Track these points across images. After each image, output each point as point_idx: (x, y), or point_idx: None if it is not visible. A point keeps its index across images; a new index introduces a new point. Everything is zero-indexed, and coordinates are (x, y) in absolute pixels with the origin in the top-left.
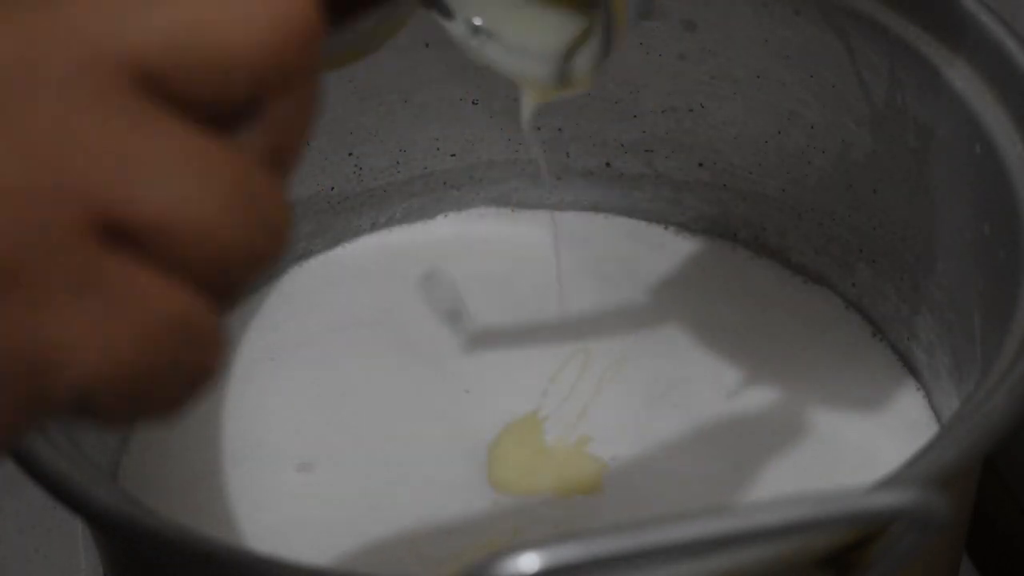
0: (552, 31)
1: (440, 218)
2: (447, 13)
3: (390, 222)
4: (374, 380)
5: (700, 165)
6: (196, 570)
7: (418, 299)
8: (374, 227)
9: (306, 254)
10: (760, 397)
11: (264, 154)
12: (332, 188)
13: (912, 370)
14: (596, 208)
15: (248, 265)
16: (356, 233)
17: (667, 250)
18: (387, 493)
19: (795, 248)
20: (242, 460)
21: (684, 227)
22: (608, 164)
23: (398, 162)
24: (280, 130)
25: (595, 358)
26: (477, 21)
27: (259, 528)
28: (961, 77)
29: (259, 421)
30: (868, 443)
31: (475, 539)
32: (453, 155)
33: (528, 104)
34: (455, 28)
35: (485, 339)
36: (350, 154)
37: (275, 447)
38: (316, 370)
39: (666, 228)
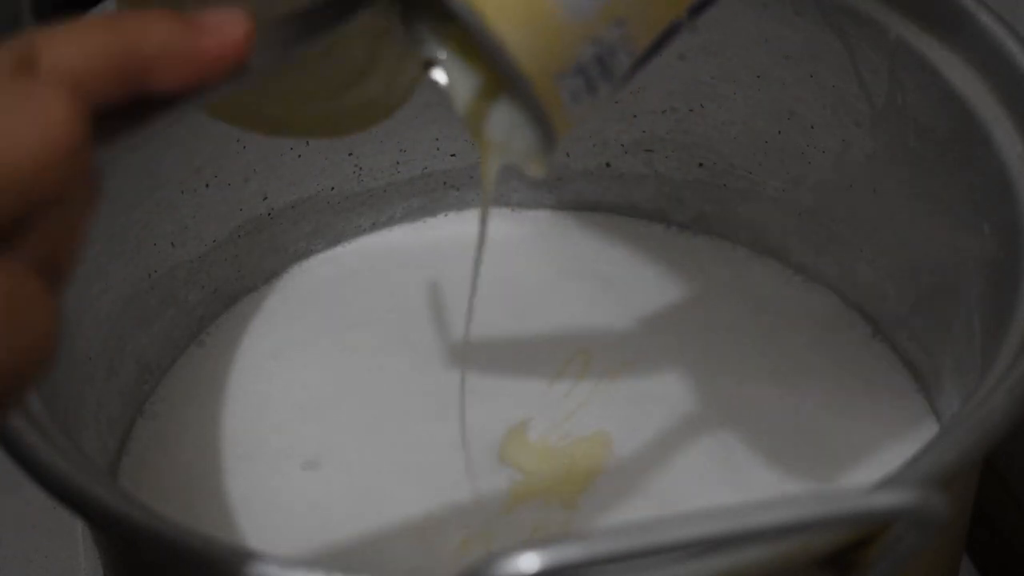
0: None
1: (440, 218)
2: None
3: (390, 222)
4: (377, 379)
5: (700, 165)
6: (196, 570)
7: (418, 299)
8: (374, 227)
9: (306, 254)
10: (760, 397)
11: (36, 263)
12: (332, 188)
13: (912, 370)
14: (596, 208)
15: (13, 376)
16: (356, 233)
17: (667, 250)
18: (394, 491)
19: (795, 248)
20: (245, 459)
21: (684, 227)
22: (608, 164)
23: (398, 162)
24: (53, 239)
25: (595, 358)
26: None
27: (263, 527)
28: (961, 77)
29: (263, 420)
30: (868, 443)
31: (482, 536)
32: (453, 155)
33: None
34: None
35: (486, 339)
36: (350, 154)
37: (280, 446)
38: (319, 369)
39: (666, 228)
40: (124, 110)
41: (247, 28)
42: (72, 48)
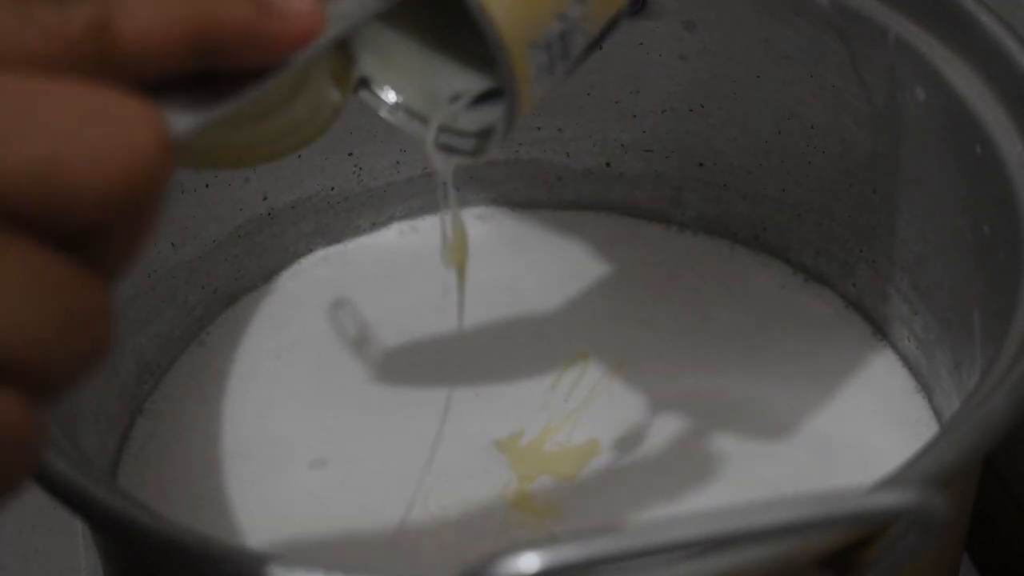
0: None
1: (440, 218)
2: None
3: (390, 222)
4: (381, 380)
5: (700, 165)
6: (196, 570)
7: (418, 299)
8: (374, 227)
9: (306, 254)
10: (759, 397)
11: (103, 269)
12: (332, 188)
13: (912, 370)
14: (596, 208)
15: (72, 372)
16: (356, 233)
17: (667, 250)
18: (395, 491)
19: (795, 248)
20: (246, 459)
21: (684, 227)
22: (608, 164)
23: (398, 162)
24: (119, 249)
25: (594, 359)
26: (391, 96)
27: (264, 526)
28: (961, 77)
29: (267, 419)
30: (868, 443)
31: (483, 537)
32: None
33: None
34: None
35: (485, 340)
36: (350, 154)
37: (283, 445)
38: (319, 369)
39: (666, 228)
40: (187, 82)
41: (319, 11)
42: (149, 11)
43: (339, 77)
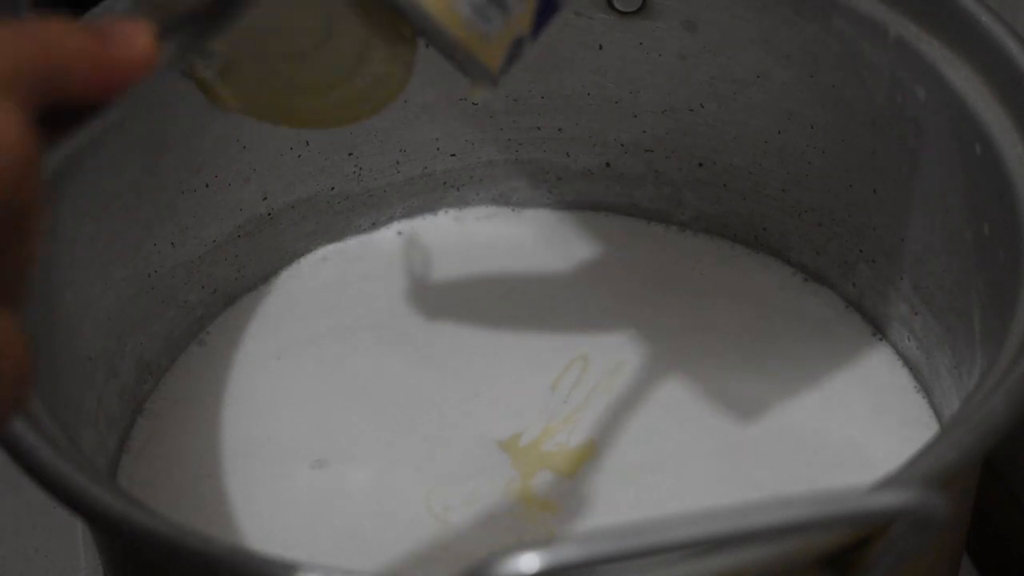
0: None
1: (440, 218)
2: None
3: (390, 222)
4: (381, 380)
5: (700, 165)
6: (196, 570)
7: (418, 298)
8: (374, 227)
9: (306, 254)
10: (759, 397)
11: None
12: (332, 188)
13: (912, 370)
14: (596, 208)
15: None
16: (356, 233)
17: (667, 250)
18: (397, 490)
19: (795, 248)
20: (246, 458)
21: (684, 227)
22: (608, 164)
23: (398, 162)
24: (9, 264)
25: (594, 359)
26: None
27: (265, 526)
28: (961, 77)
29: (263, 419)
30: (868, 443)
31: (488, 536)
32: (453, 155)
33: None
34: None
35: (485, 339)
36: (350, 154)
37: (287, 445)
38: (323, 369)
39: (666, 228)
40: (45, 118)
41: (150, 37)
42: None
43: (400, 32)
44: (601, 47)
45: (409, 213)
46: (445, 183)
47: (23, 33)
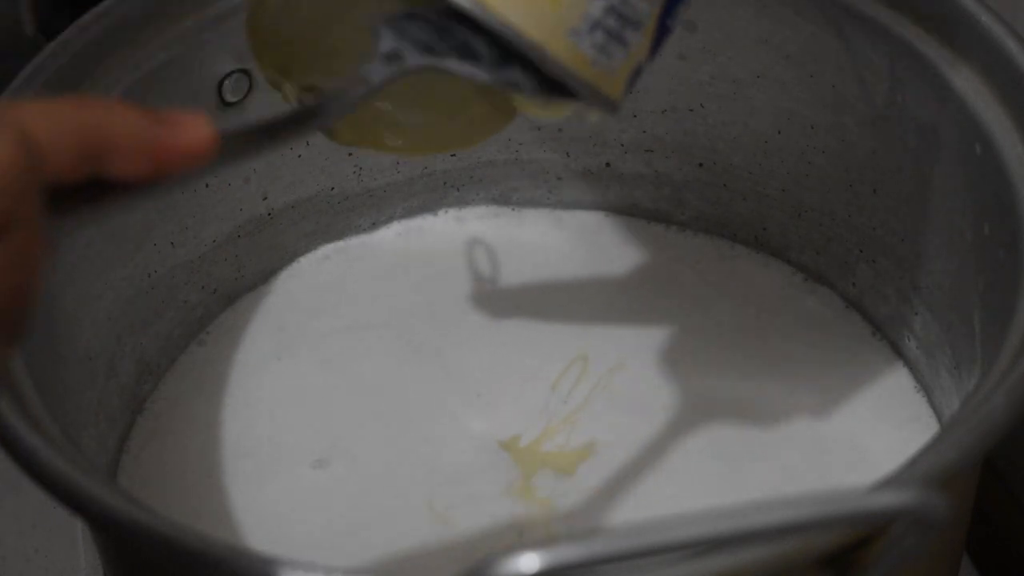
0: None
1: (440, 217)
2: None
3: (390, 222)
4: (382, 380)
5: (700, 165)
6: (196, 570)
7: (418, 298)
8: (374, 227)
9: (306, 254)
10: (760, 397)
11: None
12: (332, 188)
13: (912, 370)
14: (596, 208)
15: None
16: (356, 233)
17: (667, 250)
18: (398, 490)
19: (795, 248)
20: (246, 458)
21: (684, 227)
22: (608, 164)
23: (398, 162)
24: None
25: (594, 358)
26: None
27: (265, 525)
28: (961, 77)
29: (263, 419)
30: (868, 443)
31: (487, 536)
32: (453, 155)
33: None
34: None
35: (486, 339)
36: (350, 154)
37: (285, 444)
38: (319, 369)
39: (666, 228)
40: (81, 190)
41: (210, 131)
42: (39, 118)
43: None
44: None
45: (409, 213)
46: (445, 183)
47: (79, 104)
